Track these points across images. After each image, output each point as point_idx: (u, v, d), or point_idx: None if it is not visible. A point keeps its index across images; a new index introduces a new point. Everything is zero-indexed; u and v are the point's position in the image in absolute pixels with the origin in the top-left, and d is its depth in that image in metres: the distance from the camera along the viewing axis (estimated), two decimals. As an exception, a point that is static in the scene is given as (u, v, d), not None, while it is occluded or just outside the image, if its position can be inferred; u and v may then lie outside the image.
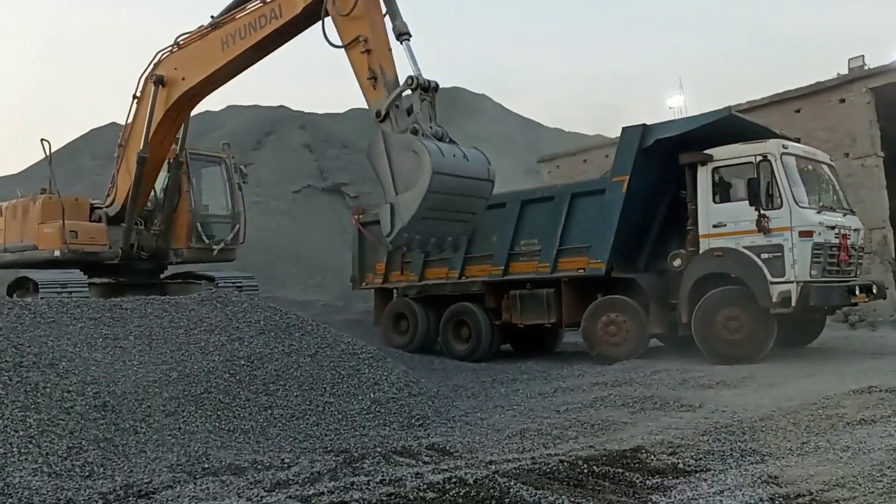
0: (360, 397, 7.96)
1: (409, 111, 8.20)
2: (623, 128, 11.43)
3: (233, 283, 11.62)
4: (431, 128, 8.01)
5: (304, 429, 7.20)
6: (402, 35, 8.48)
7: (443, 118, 8.33)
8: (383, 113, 8.27)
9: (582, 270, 11.77)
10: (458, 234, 8.39)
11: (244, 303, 9.71)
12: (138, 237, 11.77)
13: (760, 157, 10.25)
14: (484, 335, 13.05)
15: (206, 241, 12.14)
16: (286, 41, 9.96)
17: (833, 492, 4.62)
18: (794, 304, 9.79)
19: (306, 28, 9.48)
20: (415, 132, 7.84)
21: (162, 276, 12.57)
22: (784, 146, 10.49)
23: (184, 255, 12.09)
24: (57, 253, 10.99)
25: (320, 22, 8.94)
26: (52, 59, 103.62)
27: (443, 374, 11.48)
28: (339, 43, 8.78)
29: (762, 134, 11.30)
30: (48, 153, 11.23)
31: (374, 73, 8.50)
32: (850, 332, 15.30)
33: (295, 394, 7.80)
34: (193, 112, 11.70)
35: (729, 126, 10.91)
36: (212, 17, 10.46)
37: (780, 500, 4.56)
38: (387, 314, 14.54)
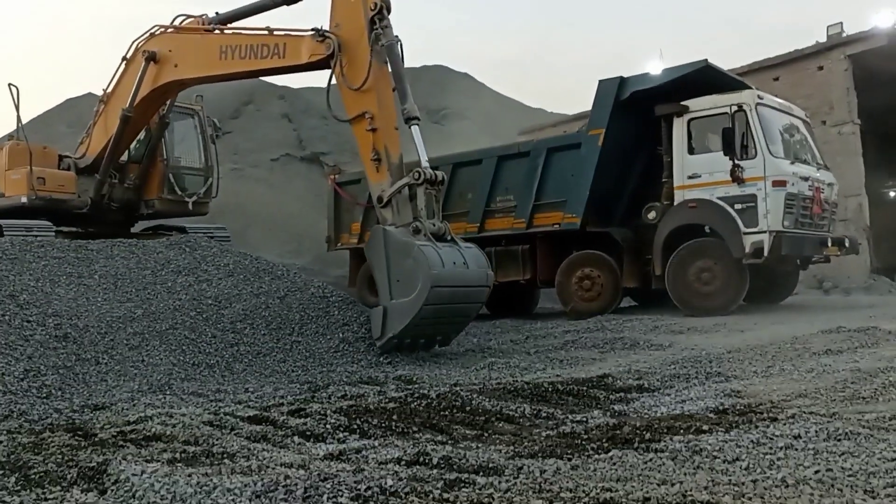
0: (328, 337, 7.87)
1: (413, 197, 7.85)
2: (599, 80, 11.36)
3: (204, 232, 11.47)
4: (434, 224, 7.74)
5: (271, 365, 7.11)
6: (411, 119, 8.15)
7: (425, 95, 8.15)
8: (385, 199, 8.02)
9: (557, 226, 11.72)
10: (448, 335, 8.09)
11: (213, 247, 9.60)
12: (110, 189, 11.59)
13: (736, 108, 10.23)
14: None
15: (179, 193, 11.97)
16: (287, 74, 9.65)
17: (795, 401, 4.60)
18: (766, 254, 9.80)
19: (309, 71, 9.10)
20: (416, 230, 7.56)
21: (132, 229, 12.38)
22: (759, 97, 10.49)
23: (155, 207, 11.93)
24: (24, 199, 10.78)
25: (326, 85, 8.66)
26: (32, 29, 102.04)
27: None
28: (345, 116, 8.46)
29: (738, 86, 11.28)
30: (16, 99, 11.02)
31: (378, 155, 8.16)
32: (823, 297, 15.43)
33: (262, 332, 7.70)
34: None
35: (705, 78, 10.87)
36: (217, 13, 10.21)
37: (742, 408, 4.53)
38: (361, 274, 14.40)
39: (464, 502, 2.61)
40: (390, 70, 8.30)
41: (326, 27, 8.60)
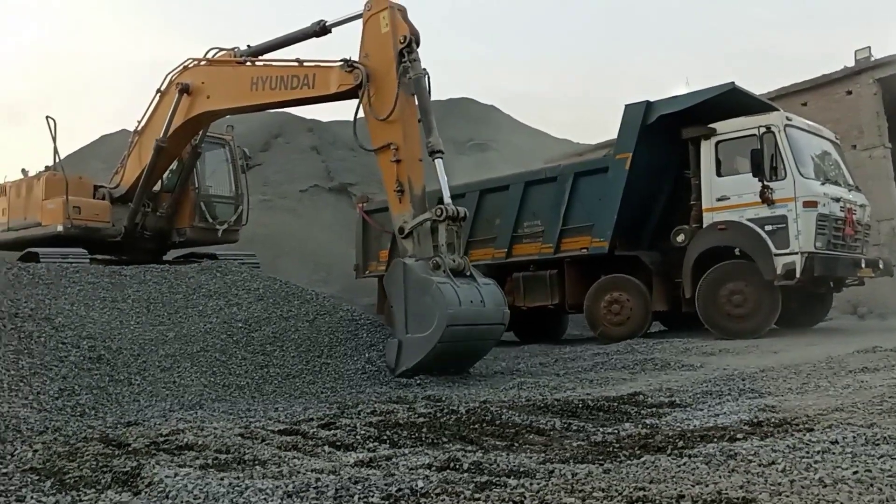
0: (356, 358, 7.89)
1: (434, 230, 7.91)
2: (626, 105, 11.37)
3: (234, 259, 11.61)
4: (454, 261, 7.78)
5: (301, 386, 7.14)
6: (436, 153, 8.25)
7: (452, 127, 8.24)
8: (406, 231, 8.13)
9: (585, 250, 11.67)
10: (462, 367, 8.11)
11: (243, 272, 9.70)
12: (143, 218, 11.81)
13: (764, 129, 10.18)
14: (487, 319, 12.93)
15: (210, 221, 12.15)
16: (317, 104, 9.80)
17: (832, 415, 4.50)
18: (798, 275, 9.67)
19: (338, 101, 9.21)
20: (436, 266, 7.64)
21: (164, 256, 12.57)
22: (788, 118, 10.43)
23: (187, 235, 12.11)
24: (60, 228, 11.01)
25: (353, 114, 8.80)
26: (70, 67, 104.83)
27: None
28: (371, 146, 8.61)
29: (765, 109, 11.23)
30: (53, 131, 11.31)
31: (401, 186, 8.26)
32: (858, 322, 15.13)
33: (292, 355, 7.75)
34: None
35: (732, 101, 10.84)
36: (248, 45, 10.45)
37: (777, 421, 4.45)
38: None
39: (495, 502, 2.60)
40: (417, 103, 8.43)
41: (355, 58, 8.76)
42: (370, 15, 8.65)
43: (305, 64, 9.33)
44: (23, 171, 12.10)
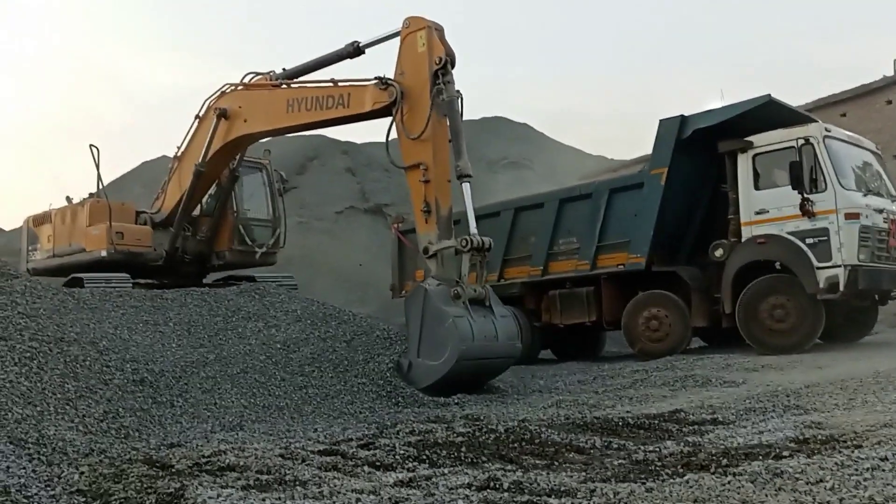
0: (394, 378, 7.90)
1: (458, 251, 8.02)
2: (660, 120, 11.30)
3: (272, 281, 11.73)
4: (475, 290, 7.92)
5: (339, 406, 7.16)
6: (464, 177, 8.32)
7: (486, 146, 8.25)
8: (430, 252, 8.26)
9: (622, 266, 11.58)
10: (467, 390, 8.15)
11: (281, 294, 9.81)
12: (184, 242, 12.01)
13: (803, 141, 10.04)
14: (524, 337, 12.87)
15: (249, 244, 12.31)
16: (352, 123, 9.90)
17: (881, 431, 4.40)
18: (842, 288, 9.48)
19: (374, 119, 9.29)
20: (457, 296, 7.75)
21: (204, 279, 12.75)
22: (826, 129, 10.27)
23: (226, 258, 12.27)
24: (104, 253, 11.24)
25: (386, 133, 8.93)
26: (109, 95, 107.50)
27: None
28: (402, 164, 8.73)
29: (803, 120, 11.08)
30: (96, 159, 11.60)
31: (428, 206, 8.34)
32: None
33: (330, 375, 7.79)
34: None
35: (768, 113, 10.71)
36: (283, 68, 10.63)
37: (824, 437, 4.36)
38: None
39: (537, 521, 2.58)
40: (448, 124, 8.49)
41: (390, 76, 8.85)
42: (408, 33, 8.74)
43: (340, 84, 9.47)
44: (67, 198, 12.41)
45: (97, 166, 11.63)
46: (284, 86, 10.28)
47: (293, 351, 8.15)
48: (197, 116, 11.27)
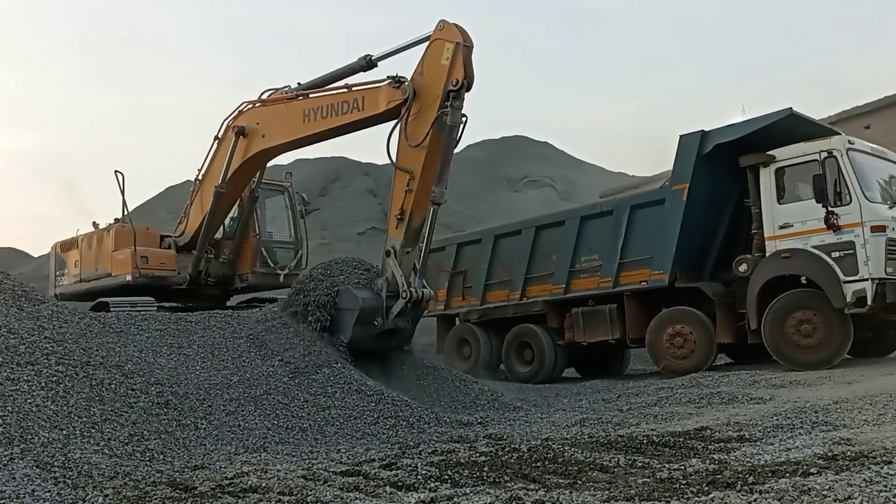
0: (415, 398, 7.89)
1: (408, 275, 8.90)
2: (680, 136, 11.26)
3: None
4: (395, 325, 8.91)
5: (362, 427, 7.16)
6: (436, 204, 8.71)
7: (506, 164, 8.33)
8: (392, 257, 8.91)
9: (645, 283, 11.50)
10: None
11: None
12: (207, 265, 12.10)
13: (826, 154, 9.94)
14: (547, 356, 12.82)
15: (271, 266, 12.39)
16: (368, 127, 10.00)
17: (912, 448, 4.31)
18: (869, 302, 9.33)
19: (389, 121, 9.36)
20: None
21: (227, 302, 12.83)
22: (850, 142, 10.16)
23: (249, 281, 12.35)
24: (129, 277, 11.36)
25: (390, 132, 9.09)
26: (135, 120, 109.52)
27: (505, 392, 11.30)
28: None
29: (825, 134, 10.98)
30: (121, 185, 11.75)
31: (402, 215, 8.86)
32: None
33: (353, 396, 7.79)
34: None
35: (790, 127, 10.63)
36: (298, 83, 10.74)
37: (853, 454, 4.28)
38: (449, 340, 14.45)
39: (559, 541, 2.55)
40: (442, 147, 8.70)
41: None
42: (437, 37, 8.82)
43: (354, 88, 9.66)
44: (94, 224, 12.58)
45: (122, 192, 11.78)
46: (300, 97, 10.40)
47: (316, 372, 8.16)
48: (216, 138, 11.40)
